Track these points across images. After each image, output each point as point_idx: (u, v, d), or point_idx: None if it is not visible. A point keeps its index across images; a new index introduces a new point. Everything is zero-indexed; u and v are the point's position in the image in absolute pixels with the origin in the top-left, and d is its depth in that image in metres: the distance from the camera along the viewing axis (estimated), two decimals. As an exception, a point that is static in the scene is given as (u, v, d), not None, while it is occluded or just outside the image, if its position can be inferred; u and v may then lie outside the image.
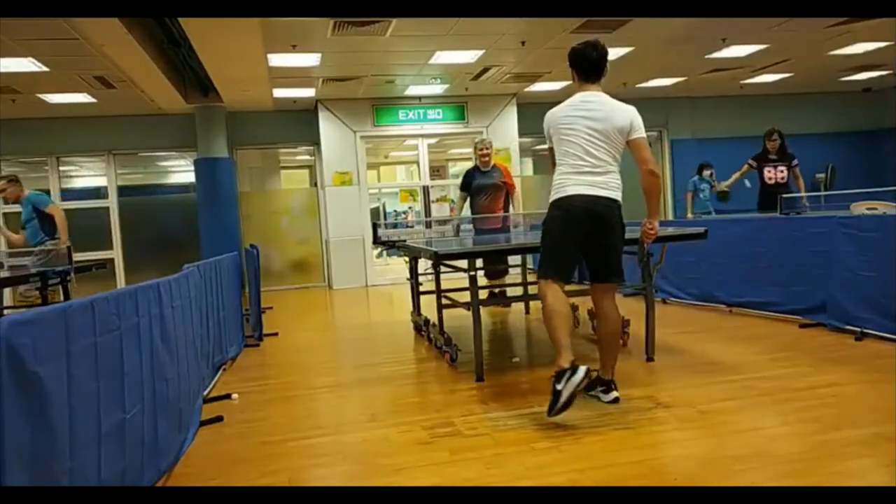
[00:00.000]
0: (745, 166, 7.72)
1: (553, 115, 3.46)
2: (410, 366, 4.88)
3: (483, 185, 6.70)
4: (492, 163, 6.79)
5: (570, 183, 3.32)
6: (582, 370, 3.04)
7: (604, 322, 3.49)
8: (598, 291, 3.48)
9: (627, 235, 3.59)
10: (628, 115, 3.39)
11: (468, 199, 6.83)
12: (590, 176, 3.30)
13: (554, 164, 3.47)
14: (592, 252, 3.42)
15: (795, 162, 7.55)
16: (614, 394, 3.40)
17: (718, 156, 11.41)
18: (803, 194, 7.24)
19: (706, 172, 9.37)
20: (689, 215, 8.83)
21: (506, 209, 6.81)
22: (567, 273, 3.39)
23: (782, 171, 7.37)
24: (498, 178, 6.74)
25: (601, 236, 3.35)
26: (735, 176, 7.98)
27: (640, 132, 3.38)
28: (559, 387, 3.03)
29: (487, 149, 6.74)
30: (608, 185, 3.32)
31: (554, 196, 3.39)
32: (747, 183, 8.02)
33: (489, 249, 4.63)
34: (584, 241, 3.36)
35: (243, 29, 6.46)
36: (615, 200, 3.34)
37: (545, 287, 3.33)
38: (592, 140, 3.31)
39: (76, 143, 10.78)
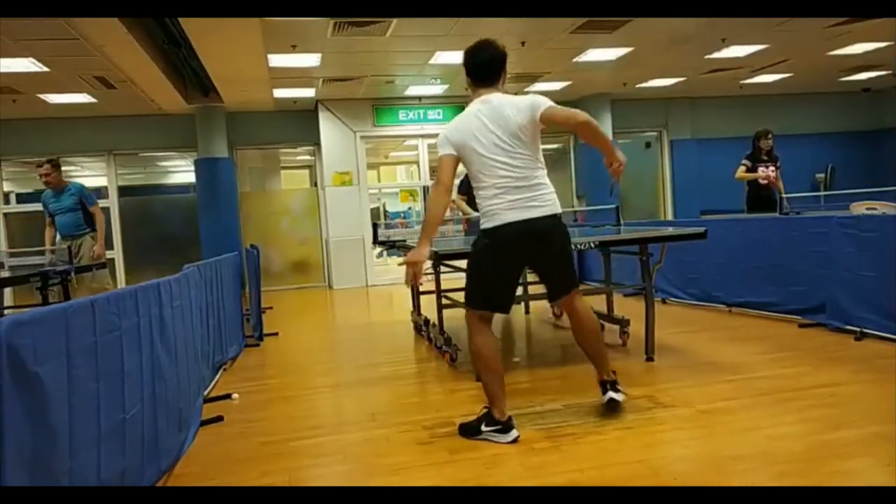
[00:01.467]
0: (742, 167, 7.56)
1: (452, 127, 3.05)
2: (410, 366, 4.88)
3: None
4: None
5: (500, 208, 2.94)
6: (511, 436, 2.91)
7: (578, 327, 3.20)
8: (565, 304, 3.24)
9: (628, 235, 3.58)
10: (526, 102, 2.97)
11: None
12: (517, 193, 2.93)
13: (442, 175, 3.03)
14: (542, 271, 3.24)
15: (780, 163, 7.48)
16: (618, 395, 3.18)
17: (718, 156, 11.42)
18: (784, 195, 7.13)
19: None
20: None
21: None
22: (499, 305, 3.12)
23: (773, 172, 7.35)
24: None
25: (546, 255, 3.08)
26: (749, 175, 7.61)
27: (545, 103, 2.96)
28: (484, 429, 2.97)
29: None
30: (541, 200, 2.97)
31: (484, 223, 3.01)
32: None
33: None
34: (526, 264, 3.18)
35: (243, 29, 6.46)
36: (553, 215, 3.00)
37: (473, 324, 3.05)
38: (503, 146, 2.93)
39: (76, 143, 10.78)
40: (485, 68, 3.05)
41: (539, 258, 3.12)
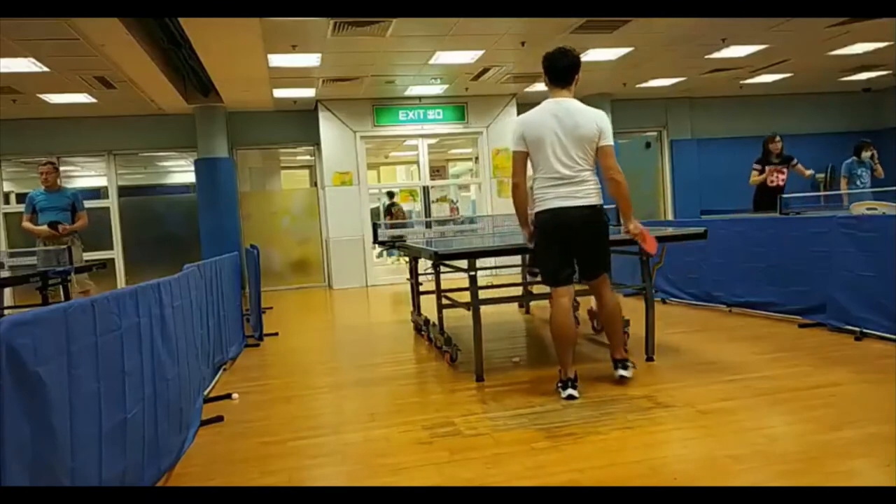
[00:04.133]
0: (755, 172, 7.60)
1: (526, 121, 3.58)
2: (410, 366, 4.88)
3: None
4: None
5: (549, 196, 3.50)
6: (565, 392, 3.50)
7: (601, 309, 3.85)
8: (592, 286, 3.79)
9: (629, 236, 3.63)
10: (598, 121, 3.52)
11: None
12: (566, 187, 3.47)
13: (517, 170, 3.60)
14: (581, 256, 3.63)
15: (795, 161, 7.54)
16: (626, 371, 3.74)
17: (718, 156, 11.44)
18: (811, 172, 7.16)
19: (866, 154, 7.68)
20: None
21: None
22: (564, 278, 3.61)
23: (783, 174, 7.37)
24: None
25: (585, 242, 3.58)
26: (761, 178, 7.50)
27: (609, 139, 3.52)
28: (557, 385, 3.58)
29: None
30: (585, 193, 3.49)
31: (537, 208, 3.57)
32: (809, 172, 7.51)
33: (488, 249, 4.62)
34: (571, 246, 3.59)
35: (243, 29, 6.46)
36: (594, 206, 3.52)
37: (553, 298, 3.63)
38: (565, 146, 3.45)
39: (76, 143, 10.78)
40: (563, 72, 3.55)
41: (579, 244, 3.57)
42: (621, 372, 3.74)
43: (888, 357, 3.98)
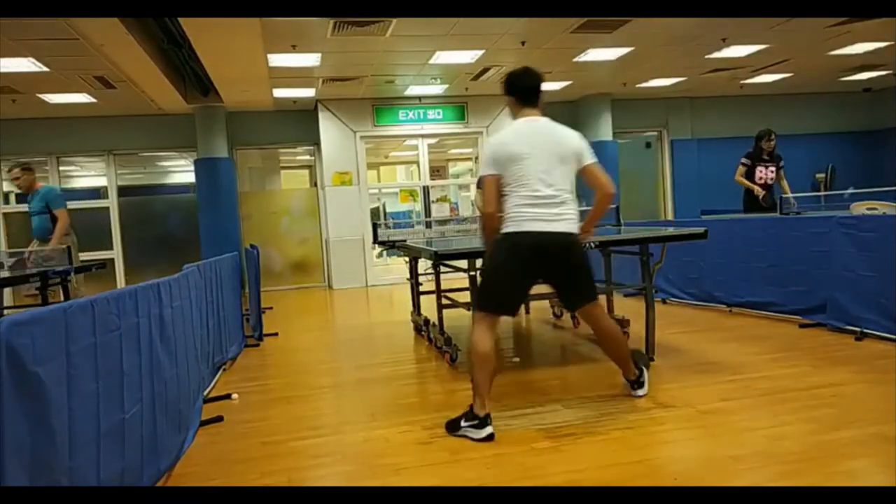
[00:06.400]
0: (742, 167, 7.48)
1: (501, 142, 3.27)
2: (410, 366, 4.88)
3: None
4: None
5: (525, 217, 3.16)
6: (484, 432, 3.01)
7: (600, 336, 3.46)
8: (584, 314, 3.44)
9: (628, 235, 3.61)
10: (577, 140, 3.32)
11: None
12: (545, 208, 3.16)
13: (490, 199, 3.23)
14: (559, 284, 3.36)
15: (783, 163, 7.43)
16: (640, 391, 3.49)
17: (718, 156, 11.42)
18: (790, 194, 7.07)
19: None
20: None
21: None
22: (505, 309, 3.30)
23: (772, 172, 7.32)
24: None
25: (563, 271, 3.26)
26: (748, 183, 7.36)
27: (593, 157, 3.33)
28: (463, 424, 3.09)
29: None
30: (564, 216, 3.19)
31: (510, 228, 3.19)
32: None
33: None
34: (540, 276, 3.31)
35: (243, 29, 6.46)
36: (573, 234, 3.22)
37: (479, 320, 3.23)
38: (547, 165, 3.18)
39: (76, 143, 10.78)
40: (532, 92, 3.33)
41: (554, 271, 3.27)
42: (639, 392, 3.50)
43: (888, 357, 3.97)
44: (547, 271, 3.27)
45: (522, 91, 3.34)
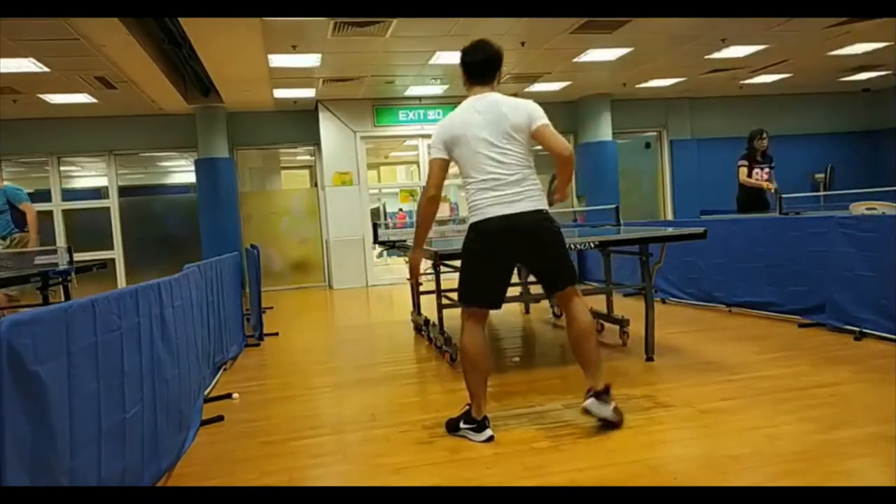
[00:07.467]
0: (744, 168, 7.49)
1: (446, 124, 3.08)
2: (410, 366, 4.88)
3: None
4: None
5: (485, 203, 2.97)
6: (484, 435, 2.96)
7: (569, 325, 3.12)
8: (560, 299, 3.15)
9: (628, 235, 3.59)
10: (525, 107, 3.02)
11: None
12: (504, 189, 2.95)
13: (432, 182, 3.09)
14: (535, 268, 3.18)
15: (774, 163, 7.42)
16: (607, 408, 3.00)
17: (718, 156, 11.41)
18: (780, 195, 7.04)
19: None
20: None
21: None
22: (493, 300, 3.09)
23: (767, 172, 7.32)
24: None
25: (535, 252, 3.03)
26: (757, 183, 7.29)
27: (543, 119, 3.00)
28: (461, 426, 3.06)
29: None
30: (527, 195, 2.97)
31: (474, 217, 3.02)
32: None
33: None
34: (516, 261, 3.16)
35: (243, 29, 6.46)
36: (539, 210, 2.99)
37: (465, 320, 3.08)
38: (495, 142, 2.96)
39: (77, 143, 10.79)
40: (481, 67, 3.09)
41: (527, 253, 3.06)
42: (599, 409, 2.98)
43: (888, 357, 3.98)
44: (520, 254, 3.07)
45: (471, 66, 3.10)
